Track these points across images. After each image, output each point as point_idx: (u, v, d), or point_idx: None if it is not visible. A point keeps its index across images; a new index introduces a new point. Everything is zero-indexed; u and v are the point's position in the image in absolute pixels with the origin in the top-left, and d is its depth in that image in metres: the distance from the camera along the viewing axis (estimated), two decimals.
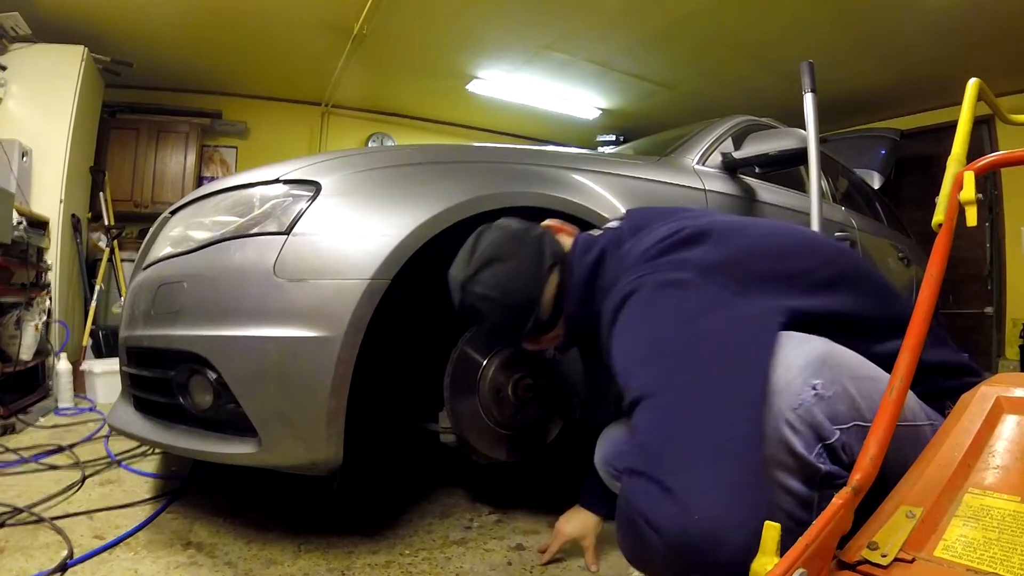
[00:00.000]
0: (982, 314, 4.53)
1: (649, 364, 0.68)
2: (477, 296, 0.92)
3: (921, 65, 4.02)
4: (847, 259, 0.86)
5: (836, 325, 0.76)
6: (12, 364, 2.40)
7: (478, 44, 4.01)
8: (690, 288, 0.72)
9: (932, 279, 0.71)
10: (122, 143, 4.24)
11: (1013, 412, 0.63)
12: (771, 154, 1.76)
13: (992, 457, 0.59)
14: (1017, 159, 0.87)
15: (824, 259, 0.82)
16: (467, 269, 0.93)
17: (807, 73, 1.71)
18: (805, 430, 0.64)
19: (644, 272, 0.76)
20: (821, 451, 0.64)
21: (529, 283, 0.92)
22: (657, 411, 0.64)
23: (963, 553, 0.48)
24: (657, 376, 0.67)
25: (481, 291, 0.92)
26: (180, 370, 1.18)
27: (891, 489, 0.61)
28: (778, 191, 2.04)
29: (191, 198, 1.38)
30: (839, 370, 0.67)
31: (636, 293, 0.75)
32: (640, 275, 0.76)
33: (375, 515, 1.39)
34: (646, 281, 0.75)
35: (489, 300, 0.92)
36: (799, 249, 0.82)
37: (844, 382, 0.67)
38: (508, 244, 0.95)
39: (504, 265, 0.93)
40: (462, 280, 0.93)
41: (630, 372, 0.70)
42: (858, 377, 0.69)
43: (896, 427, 0.70)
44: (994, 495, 0.53)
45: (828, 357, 0.68)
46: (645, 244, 0.82)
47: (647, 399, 0.65)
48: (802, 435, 0.64)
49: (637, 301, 0.74)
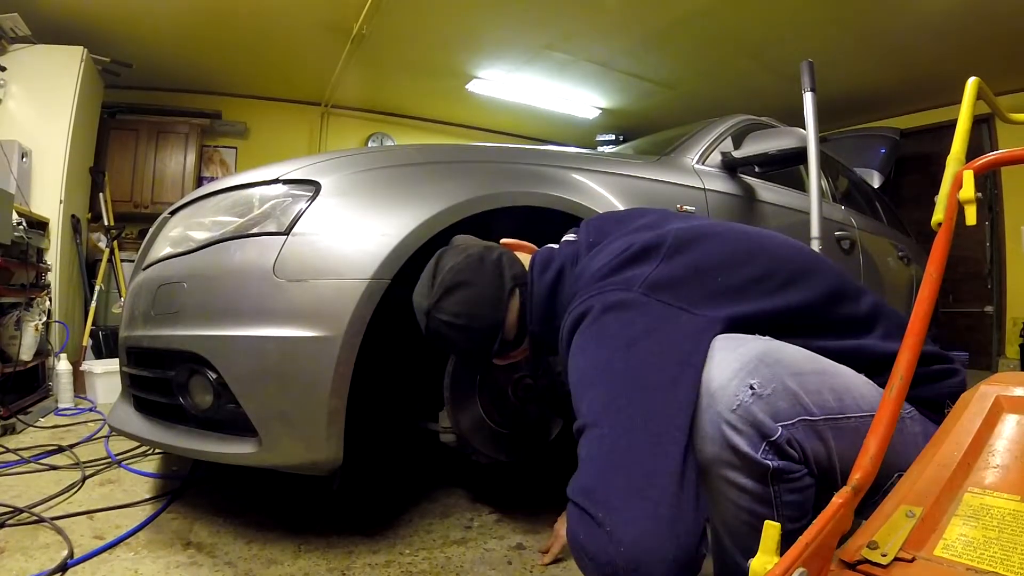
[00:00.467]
0: (982, 313, 4.53)
1: (593, 389, 0.71)
2: (443, 323, 0.92)
3: (921, 64, 4.02)
4: (804, 258, 0.87)
5: (786, 325, 0.78)
6: (12, 364, 2.40)
7: (478, 44, 4.01)
8: (635, 308, 0.74)
9: (932, 278, 0.71)
10: (122, 143, 4.24)
11: (1013, 411, 0.63)
12: (771, 153, 1.76)
13: (992, 456, 0.58)
14: (1017, 158, 0.87)
15: (777, 261, 0.83)
16: (430, 296, 0.93)
17: (807, 72, 1.71)
18: (747, 429, 0.65)
19: (593, 292, 0.79)
20: (767, 448, 0.66)
21: (492, 307, 0.93)
22: (594, 443, 0.67)
23: (963, 552, 0.48)
24: (598, 405, 0.69)
25: (446, 318, 0.92)
26: (180, 370, 1.18)
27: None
28: (778, 190, 2.04)
29: (191, 198, 1.38)
30: (777, 367, 0.69)
31: (586, 317, 0.77)
32: (590, 295, 0.79)
33: (375, 515, 1.39)
34: (595, 303, 0.77)
35: (455, 327, 0.92)
36: (751, 256, 0.83)
37: (783, 379, 0.68)
38: (468, 270, 0.94)
39: (467, 291, 0.93)
40: (427, 307, 0.94)
41: (578, 396, 0.73)
42: (800, 373, 0.70)
43: (851, 418, 0.72)
44: (994, 494, 0.53)
45: (764, 356, 0.69)
46: (598, 263, 0.84)
47: (588, 429, 0.69)
48: (745, 434, 0.65)
49: (586, 325, 0.76)
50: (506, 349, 0.97)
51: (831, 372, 0.74)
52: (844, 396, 0.73)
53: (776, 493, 0.67)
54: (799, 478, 0.68)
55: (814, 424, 0.69)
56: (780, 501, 0.67)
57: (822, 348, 0.78)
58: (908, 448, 0.73)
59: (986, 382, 0.68)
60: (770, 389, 0.67)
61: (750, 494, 0.67)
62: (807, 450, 0.68)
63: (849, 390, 0.74)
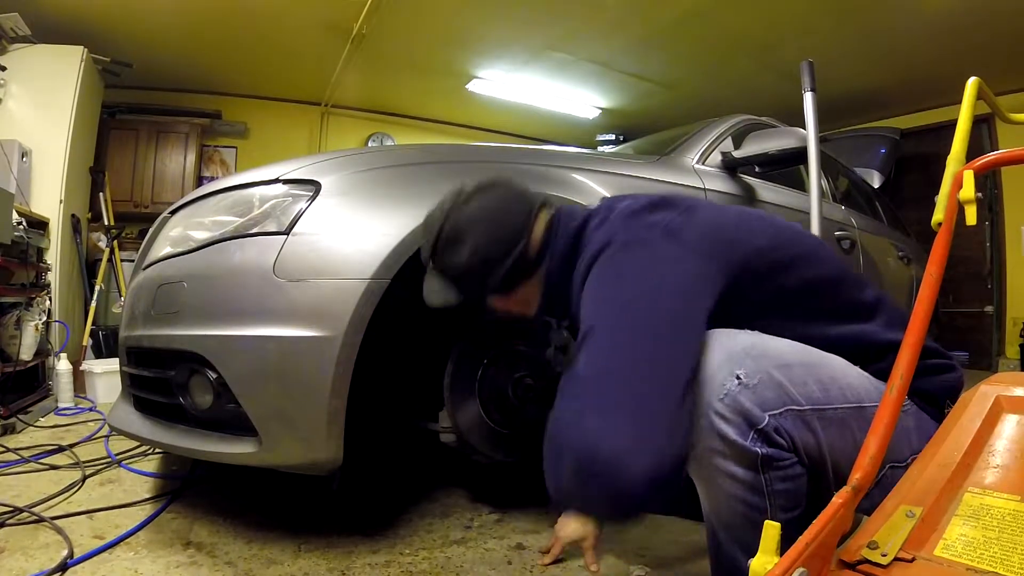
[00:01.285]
0: (982, 313, 4.53)
1: (603, 305, 0.75)
2: (466, 217, 0.91)
3: (921, 64, 4.02)
4: (813, 242, 0.91)
5: (791, 301, 0.82)
6: (12, 364, 2.40)
7: (478, 44, 4.01)
8: (652, 247, 0.78)
9: (932, 278, 0.71)
10: (122, 143, 4.24)
11: (1013, 411, 0.63)
12: (771, 153, 1.76)
13: (992, 456, 0.59)
14: (1017, 158, 0.87)
15: (788, 238, 0.86)
16: (458, 198, 0.93)
17: (807, 72, 1.71)
18: (735, 418, 0.68)
19: (616, 232, 0.82)
20: (755, 436, 0.68)
21: (521, 210, 0.93)
22: (597, 346, 0.71)
23: (963, 552, 0.48)
24: (605, 315, 0.73)
25: (472, 211, 0.91)
26: (180, 370, 1.18)
27: (843, 473, 0.62)
28: (778, 190, 2.04)
29: (191, 198, 1.38)
30: (762, 360, 0.71)
31: (605, 250, 0.80)
32: (612, 235, 0.82)
33: (375, 515, 1.39)
34: (616, 239, 0.80)
35: (479, 221, 0.91)
36: (764, 225, 0.86)
37: (769, 370, 0.71)
38: (499, 180, 0.96)
39: (500, 190, 0.94)
40: (451, 206, 0.93)
41: (587, 313, 0.76)
42: (786, 364, 0.73)
43: (838, 408, 0.74)
44: (994, 494, 0.53)
45: (751, 349, 0.72)
46: (619, 210, 0.88)
47: (591, 334, 0.72)
48: (733, 423, 0.68)
49: (605, 257, 0.80)
50: (517, 276, 0.93)
51: (818, 363, 0.76)
52: (830, 387, 0.74)
53: (767, 481, 0.69)
54: (789, 466, 0.70)
55: (801, 414, 0.71)
56: (772, 490, 0.69)
57: (823, 333, 0.80)
58: (900, 441, 0.74)
59: (986, 382, 0.68)
60: (756, 379, 0.69)
61: (742, 483, 0.69)
62: (795, 439, 0.70)
63: (836, 380, 0.75)
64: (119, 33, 3.62)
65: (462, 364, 1.35)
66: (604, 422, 0.64)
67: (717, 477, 0.70)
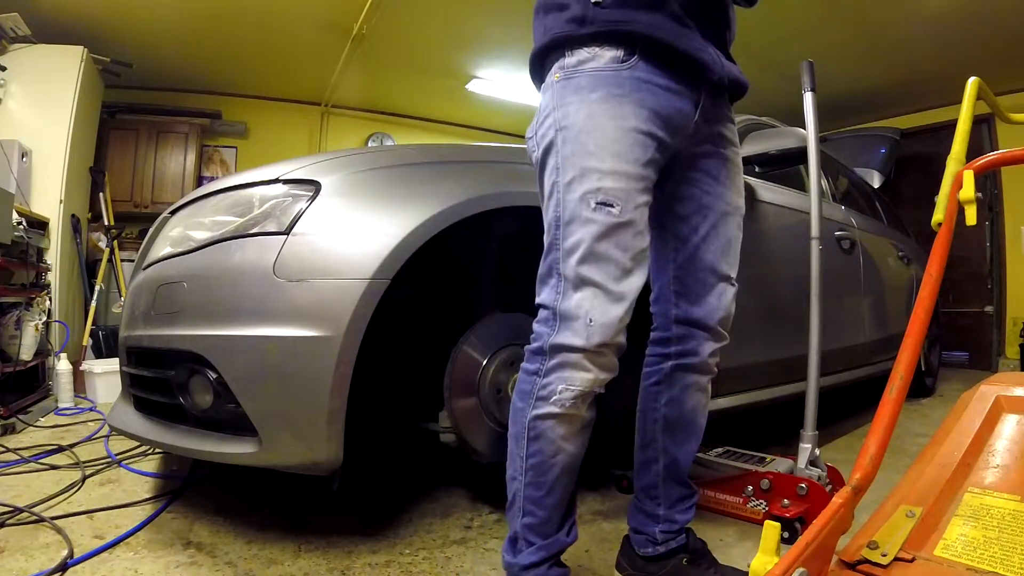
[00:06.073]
0: (982, 313, 4.53)
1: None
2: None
3: (921, 64, 4.02)
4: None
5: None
6: (12, 364, 2.40)
7: (478, 44, 4.00)
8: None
9: (932, 278, 0.71)
10: (122, 143, 4.24)
11: (1013, 411, 0.63)
12: (771, 153, 1.76)
13: (992, 456, 0.59)
14: (1017, 158, 0.87)
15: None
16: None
17: (807, 72, 1.71)
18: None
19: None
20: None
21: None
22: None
23: (963, 552, 0.48)
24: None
25: None
26: (180, 370, 1.18)
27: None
28: (778, 190, 2.04)
29: (191, 198, 1.38)
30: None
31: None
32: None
33: (375, 515, 1.39)
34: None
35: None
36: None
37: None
38: None
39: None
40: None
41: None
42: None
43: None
44: (994, 494, 0.53)
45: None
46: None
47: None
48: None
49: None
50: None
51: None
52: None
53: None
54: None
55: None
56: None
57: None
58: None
59: (986, 382, 0.68)
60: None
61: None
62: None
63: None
64: (119, 33, 3.62)
65: (462, 364, 1.35)
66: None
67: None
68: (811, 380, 1.45)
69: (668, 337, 1.03)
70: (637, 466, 1.06)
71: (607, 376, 0.86)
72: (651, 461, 1.04)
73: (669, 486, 1.02)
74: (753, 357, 1.73)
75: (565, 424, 0.85)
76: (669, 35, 0.88)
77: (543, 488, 0.86)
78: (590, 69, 0.88)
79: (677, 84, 0.91)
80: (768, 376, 1.81)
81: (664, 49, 0.88)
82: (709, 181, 1.00)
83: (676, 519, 1.01)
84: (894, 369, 0.62)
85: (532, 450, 0.86)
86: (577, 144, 0.86)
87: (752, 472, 1.40)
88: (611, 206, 0.83)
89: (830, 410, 2.55)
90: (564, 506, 0.89)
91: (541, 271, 0.89)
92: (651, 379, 1.05)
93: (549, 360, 0.85)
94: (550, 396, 0.84)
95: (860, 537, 0.52)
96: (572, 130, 0.87)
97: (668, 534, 1.01)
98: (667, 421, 1.03)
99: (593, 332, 0.82)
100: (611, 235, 0.83)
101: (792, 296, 1.75)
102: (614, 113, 0.86)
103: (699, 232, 1.00)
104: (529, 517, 0.86)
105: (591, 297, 0.83)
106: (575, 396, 0.84)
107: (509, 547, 0.89)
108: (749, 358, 1.70)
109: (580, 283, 0.83)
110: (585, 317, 0.82)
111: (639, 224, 0.86)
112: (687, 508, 1.03)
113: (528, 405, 0.86)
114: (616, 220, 0.83)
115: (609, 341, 0.83)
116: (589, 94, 0.87)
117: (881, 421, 0.58)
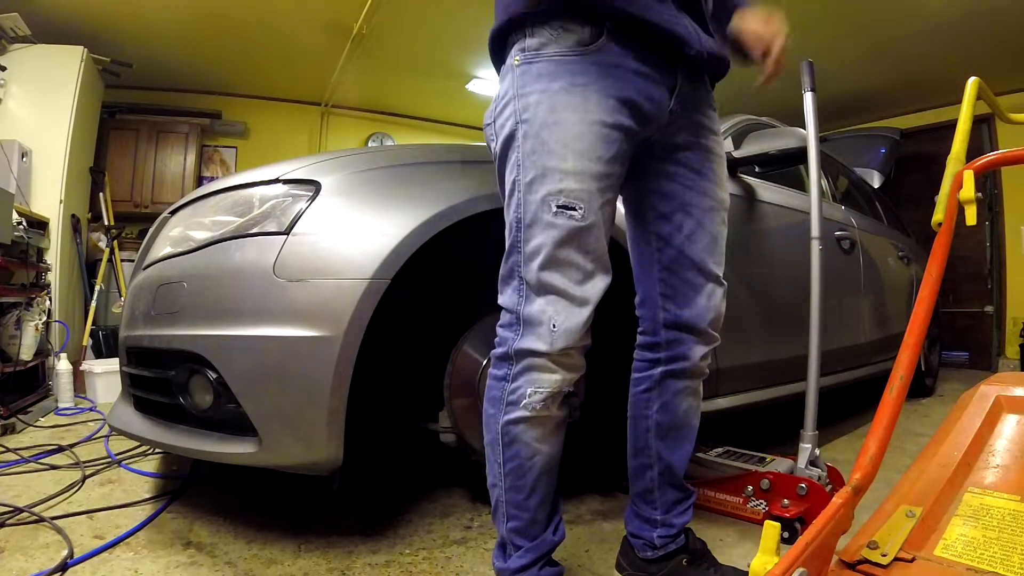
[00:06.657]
0: (982, 313, 4.53)
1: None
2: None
3: (921, 64, 4.02)
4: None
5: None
6: (12, 364, 2.40)
7: (478, 44, 4.00)
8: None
9: (932, 278, 0.71)
10: (122, 143, 4.24)
11: (1013, 411, 0.63)
12: (771, 153, 1.76)
13: (992, 456, 0.59)
14: (1017, 158, 0.87)
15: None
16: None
17: (807, 72, 1.71)
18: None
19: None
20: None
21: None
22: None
23: (963, 552, 0.48)
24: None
25: None
26: (180, 370, 1.18)
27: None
28: (778, 190, 2.04)
29: (191, 198, 1.38)
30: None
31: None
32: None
33: (375, 515, 1.39)
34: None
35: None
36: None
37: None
38: None
39: None
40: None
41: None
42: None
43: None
44: (994, 494, 0.53)
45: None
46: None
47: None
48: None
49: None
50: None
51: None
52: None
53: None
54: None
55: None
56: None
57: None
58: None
59: (986, 382, 0.68)
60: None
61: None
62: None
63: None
64: (119, 33, 3.62)
65: (462, 364, 1.35)
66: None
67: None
68: (811, 380, 1.45)
69: (657, 342, 1.00)
70: (631, 472, 1.05)
71: (575, 376, 0.86)
72: (645, 467, 1.02)
73: (665, 491, 1.01)
74: (753, 357, 1.73)
75: (538, 426, 0.85)
76: (640, 8, 0.82)
77: (524, 491, 0.86)
78: (552, 53, 0.83)
79: (649, 67, 0.86)
80: (768, 376, 1.81)
81: (635, 24, 0.83)
82: (691, 176, 0.96)
83: (674, 523, 1.00)
84: (894, 369, 0.62)
85: (509, 455, 0.85)
86: (538, 141, 0.82)
87: (752, 472, 1.40)
88: (573, 209, 0.80)
89: (830, 410, 2.55)
90: (548, 506, 0.88)
91: (503, 272, 0.87)
92: (641, 385, 1.02)
93: (516, 365, 0.84)
94: (520, 400, 0.83)
95: (860, 537, 0.52)
96: (533, 124, 0.82)
97: (666, 538, 0.99)
98: (659, 427, 1.00)
99: (557, 337, 0.81)
100: (573, 240, 0.81)
101: (792, 296, 1.75)
102: (577, 106, 0.81)
103: (683, 230, 0.96)
104: (514, 521, 0.86)
105: (554, 302, 0.81)
106: (544, 398, 0.83)
107: (499, 553, 0.89)
108: (749, 358, 1.70)
109: (542, 289, 0.82)
110: (549, 323, 0.81)
111: (601, 226, 0.84)
112: (684, 511, 1.01)
113: (499, 411, 0.86)
114: (578, 224, 0.81)
115: (574, 344, 0.82)
116: (551, 83, 0.82)
117: (881, 421, 0.58)
